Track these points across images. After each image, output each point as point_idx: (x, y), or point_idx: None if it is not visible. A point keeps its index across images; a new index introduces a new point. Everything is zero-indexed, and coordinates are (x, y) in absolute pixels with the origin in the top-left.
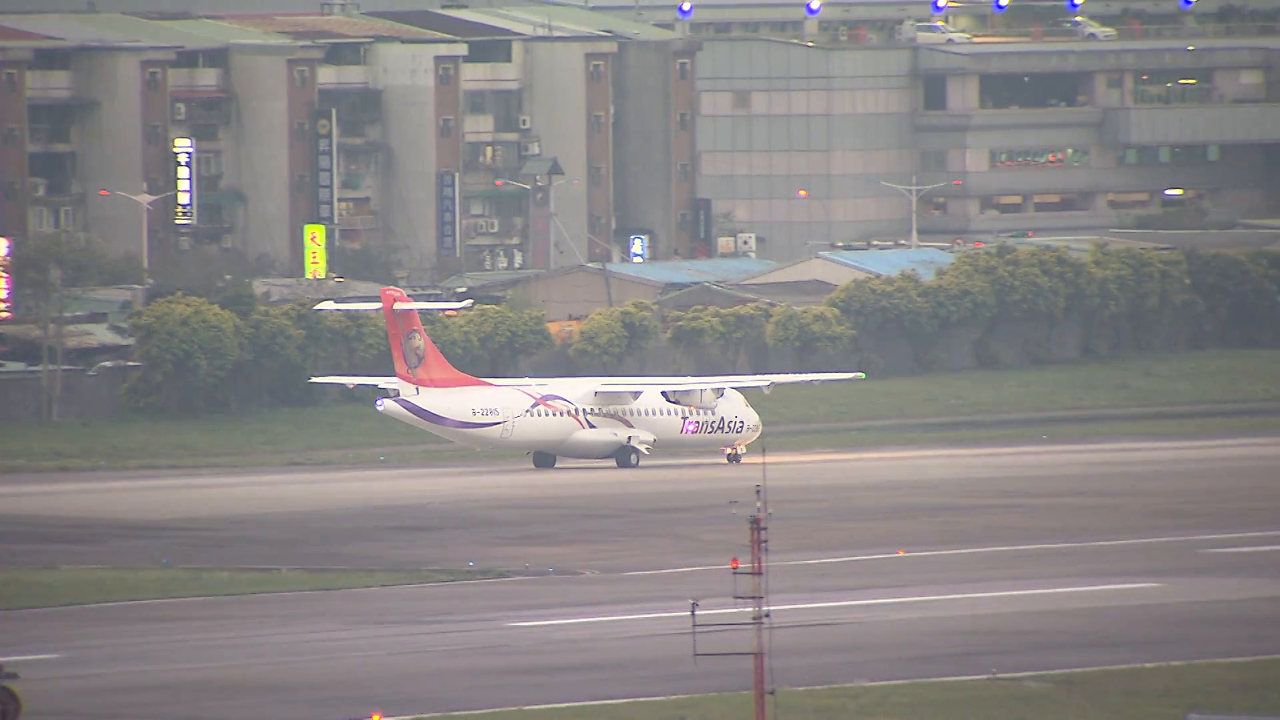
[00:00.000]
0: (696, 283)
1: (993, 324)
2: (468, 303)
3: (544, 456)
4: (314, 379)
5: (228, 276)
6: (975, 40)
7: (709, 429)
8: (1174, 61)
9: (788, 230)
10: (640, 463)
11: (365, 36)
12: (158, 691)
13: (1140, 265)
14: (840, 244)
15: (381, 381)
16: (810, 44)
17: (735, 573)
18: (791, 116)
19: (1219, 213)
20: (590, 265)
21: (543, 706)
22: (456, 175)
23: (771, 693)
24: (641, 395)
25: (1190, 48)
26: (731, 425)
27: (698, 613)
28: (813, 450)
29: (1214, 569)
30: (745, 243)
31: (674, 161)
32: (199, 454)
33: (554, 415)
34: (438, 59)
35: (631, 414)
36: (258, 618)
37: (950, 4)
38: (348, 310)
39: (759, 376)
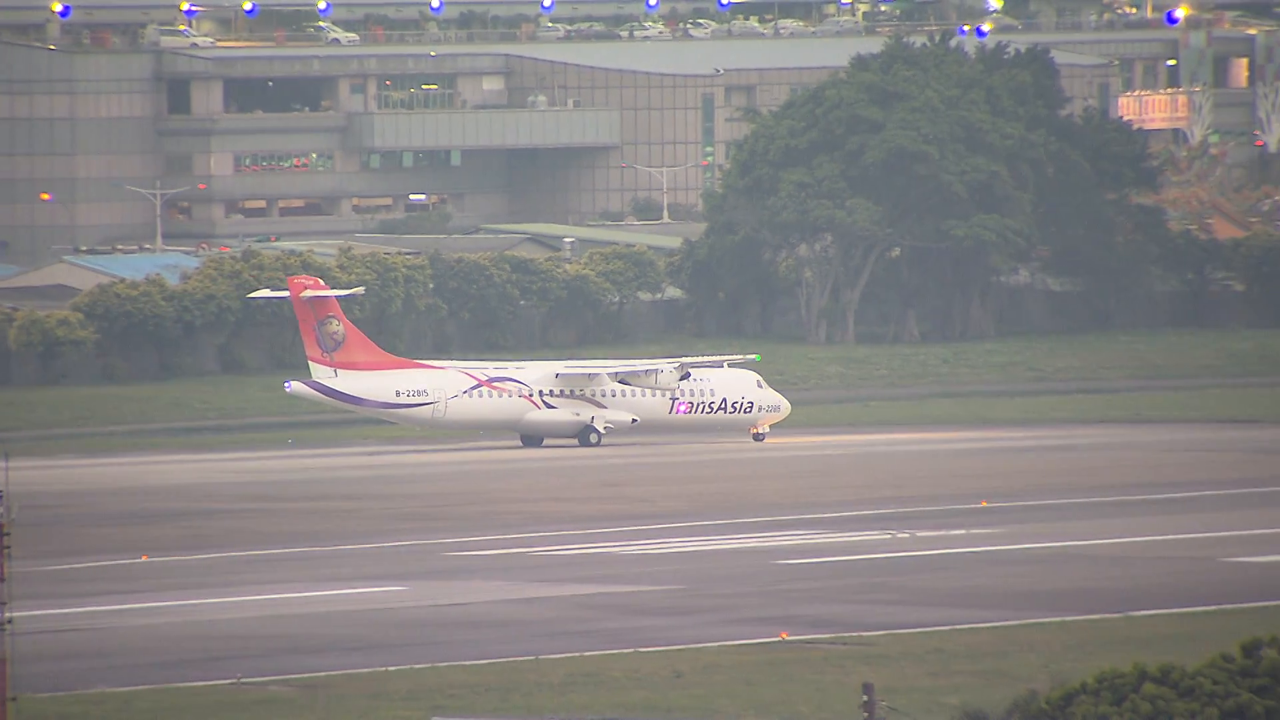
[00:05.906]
0: None
1: (237, 328)
2: (359, 289)
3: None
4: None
5: None
6: (220, 44)
7: (704, 409)
8: (417, 68)
9: (31, 234)
10: (600, 442)
11: None
12: None
13: (385, 270)
14: (84, 248)
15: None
16: (53, 47)
17: None
18: (34, 120)
19: (462, 217)
20: None
21: None
22: None
23: (14, 699)
24: (598, 377)
25: (433, 54)
26: (739, 406)
27: None
28: (59, 455)
29: (456, 571)
30: None
31: None
32: None
33: (501, 396)
34: None
35: (605, 395)
36: None
37: (197, 7)
38: (276, 298)
39: (671, 360)
